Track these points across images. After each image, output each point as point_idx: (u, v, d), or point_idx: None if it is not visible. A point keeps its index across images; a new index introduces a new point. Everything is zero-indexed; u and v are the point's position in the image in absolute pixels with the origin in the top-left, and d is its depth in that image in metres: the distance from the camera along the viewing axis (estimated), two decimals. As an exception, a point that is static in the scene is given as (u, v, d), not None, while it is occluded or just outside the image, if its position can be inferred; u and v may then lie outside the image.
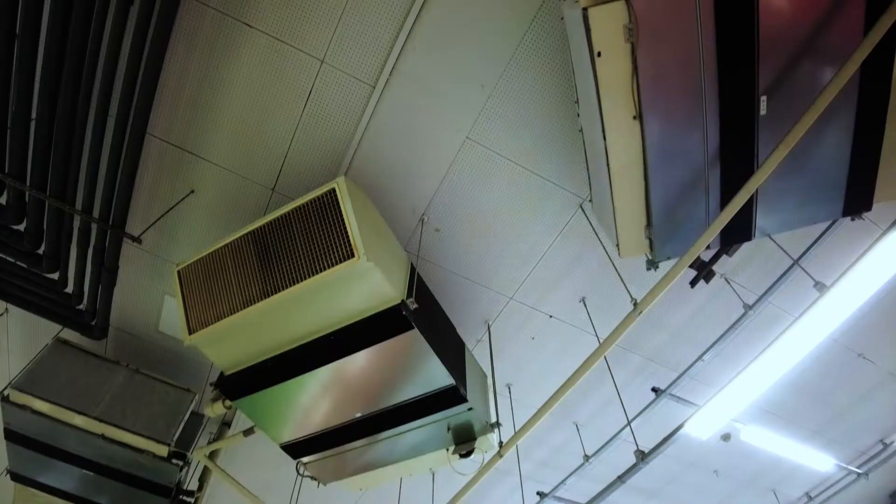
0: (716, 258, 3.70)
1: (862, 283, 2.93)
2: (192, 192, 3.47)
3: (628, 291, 2.87)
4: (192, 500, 4.26)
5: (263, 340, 2.80)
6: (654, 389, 4.23)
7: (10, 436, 3.76)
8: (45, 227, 3.12)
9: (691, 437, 5.05)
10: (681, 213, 2.69)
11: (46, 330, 4.05)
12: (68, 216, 3.10)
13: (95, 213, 3.12)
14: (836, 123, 2.42)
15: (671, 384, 4.29)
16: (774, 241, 3.51)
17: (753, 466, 5.90)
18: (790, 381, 4.84)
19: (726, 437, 5.36)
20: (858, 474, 5.82)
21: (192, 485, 4.49)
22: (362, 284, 2.56)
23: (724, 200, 2.62)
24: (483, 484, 5.57)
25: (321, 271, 2.50)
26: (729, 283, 3.99)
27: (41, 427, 3.67)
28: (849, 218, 2.88)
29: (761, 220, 2.74)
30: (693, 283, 3.79)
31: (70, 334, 3.98)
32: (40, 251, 3.27)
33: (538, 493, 5.23)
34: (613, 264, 3.30)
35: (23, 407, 3.56)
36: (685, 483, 6.01)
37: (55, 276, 3.48)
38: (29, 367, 3.69)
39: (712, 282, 3.93)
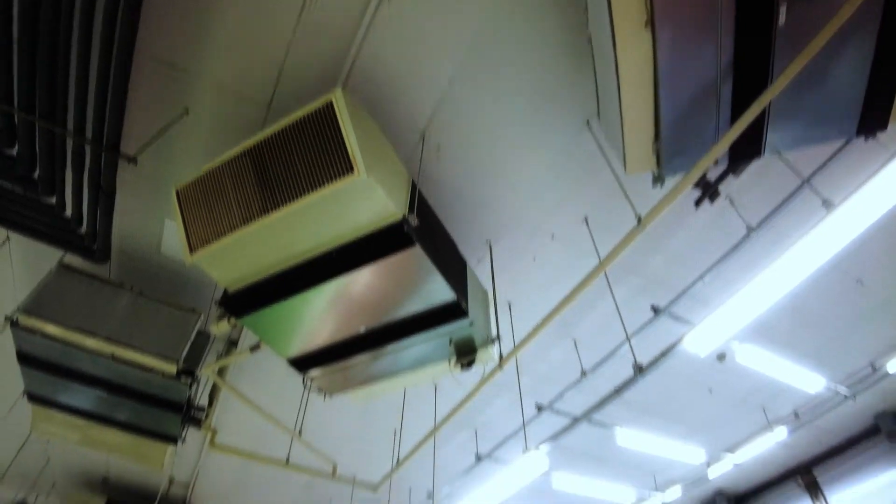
0: (722, 177, 3.65)
1: (870, 204, 2.90)
2: (187, 111, 3.37)
3: (632, 206, 2.84)
4: (204, 416, 4.43)
5: (265, 258, 2.80)
6: (653, 308, 4.29)
7: (24, 359, 3.87)
8: (37, 150, 3.05)
9: (687, 355, 5.19)
10: (690, 127, 2.61)
11: (49, 258, 4.06)
12: (60, 138, 3.02)
13: (88, 135, 3.05)
14: (857, 36, 2.30)
15: (671, 303, 4.36)
16: (784, 160, 3.44)
17: (746, 385, 6.10)
18: (788, 304, 4.91)
19: (721, 357, 5.51)
20: (846, 396, 6.04)
21: (203, 401, 4.67)
22: (362, 200, 2.53)
23: (735, 115, 2.53)
24: (483, 396, 5.81)
25: (320, 187, 2.45)
26: (733, 204, 3.96)
27: (52, 349, 3.76)
28: (862, 138, 2.80)
29: (772, 137, 2.66)
30: (698, 203, 3.76)
31: (73, 260, 4.00)
32: (35, 176, 3.22)
33: (536, 406, 5.44)
34: (619, 181, 3.24)
35: (32, 331, 3.62)
36: (679, 399, 6.24)
37: (52, 200, 3.44)
38: (35, 291, 3.72)
39: (716, 203, 3.91)
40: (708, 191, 3.77)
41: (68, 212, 3.58)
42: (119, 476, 8.35)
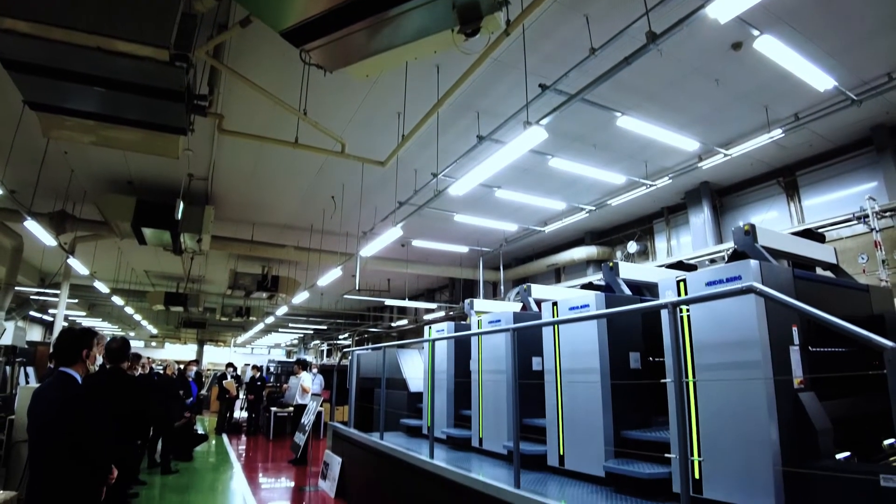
0: None
1: None
2: None
3: None
4: (207, 104, 4.43)
5: None
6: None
7: (9, 65, 3.69)
8: None
9: (702, 39, 4.91)
10: None
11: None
12: None
13: None
14: None
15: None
16: None
17: (755, 80, 5.97)
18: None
19: (737, 46, 5.22)
20: (853, 100, 5.93)
21: (204, 90, 4.61)
22: None
23: None
24: (486, 79, 5.69)
25: None
26: None
27: (34, 49, 3.55)
28: None
29: None
30: None
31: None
32: None
33: (540, 86, 5.33)
34: None
35: (7, 31, 3.34)
36: (684, 88, 6.17)
37: None
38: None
39: None
40: None
41: None
42: (142, 178, 8.91)
